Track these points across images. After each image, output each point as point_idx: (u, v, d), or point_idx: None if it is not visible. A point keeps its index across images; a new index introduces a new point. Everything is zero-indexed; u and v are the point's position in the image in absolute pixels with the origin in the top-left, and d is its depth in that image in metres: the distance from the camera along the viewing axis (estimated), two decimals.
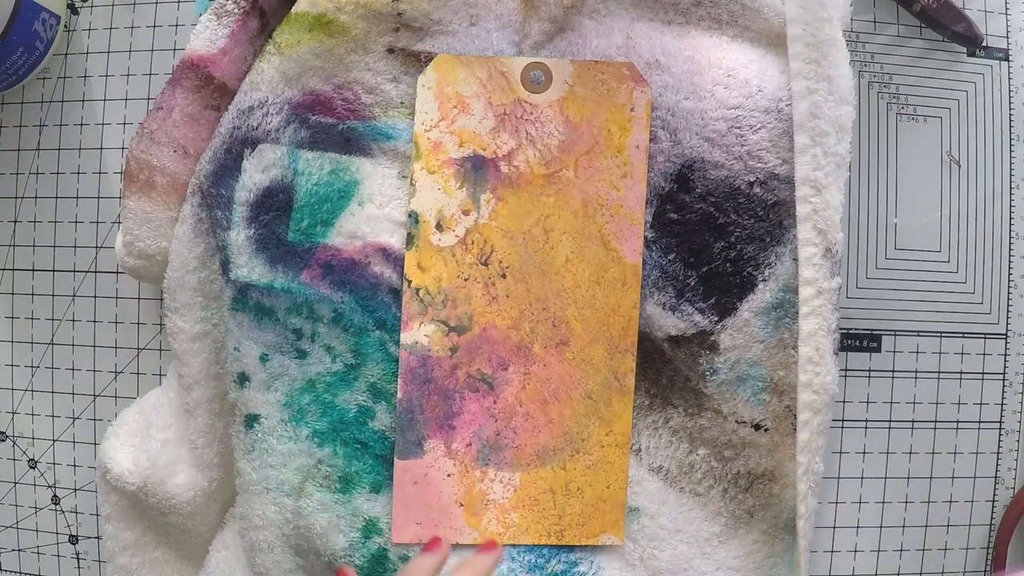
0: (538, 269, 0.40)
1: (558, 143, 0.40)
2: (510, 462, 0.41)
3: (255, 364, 0.41)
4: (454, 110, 0.40)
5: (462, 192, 0.40)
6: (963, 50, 0.45)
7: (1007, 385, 0.46)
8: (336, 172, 0.41)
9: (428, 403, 0.40)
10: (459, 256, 0.40)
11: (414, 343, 0.40)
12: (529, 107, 0.40)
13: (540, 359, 0.41)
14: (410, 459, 0.40)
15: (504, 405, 0.41)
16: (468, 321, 0.40)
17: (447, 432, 0.40)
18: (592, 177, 0.40)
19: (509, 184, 0.40)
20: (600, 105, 0.40)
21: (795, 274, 0.40)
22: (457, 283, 0.40)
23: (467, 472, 0.41)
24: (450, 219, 0.40)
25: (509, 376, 0.41)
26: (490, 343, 0.40)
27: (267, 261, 0.40)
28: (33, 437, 0.47)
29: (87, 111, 0.47)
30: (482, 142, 0.40)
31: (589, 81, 0.40)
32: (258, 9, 0.41)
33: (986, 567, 0.46)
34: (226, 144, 0.41)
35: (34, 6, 0.43)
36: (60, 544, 0.47)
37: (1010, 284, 0.46)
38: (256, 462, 0.41)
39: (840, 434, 0.45)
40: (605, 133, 0.40)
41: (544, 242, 0.41)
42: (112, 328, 0.47)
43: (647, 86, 0.40)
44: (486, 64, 0.40)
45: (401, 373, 0.40)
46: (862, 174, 0.45)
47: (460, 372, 0.40)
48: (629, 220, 0.40)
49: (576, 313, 0.41)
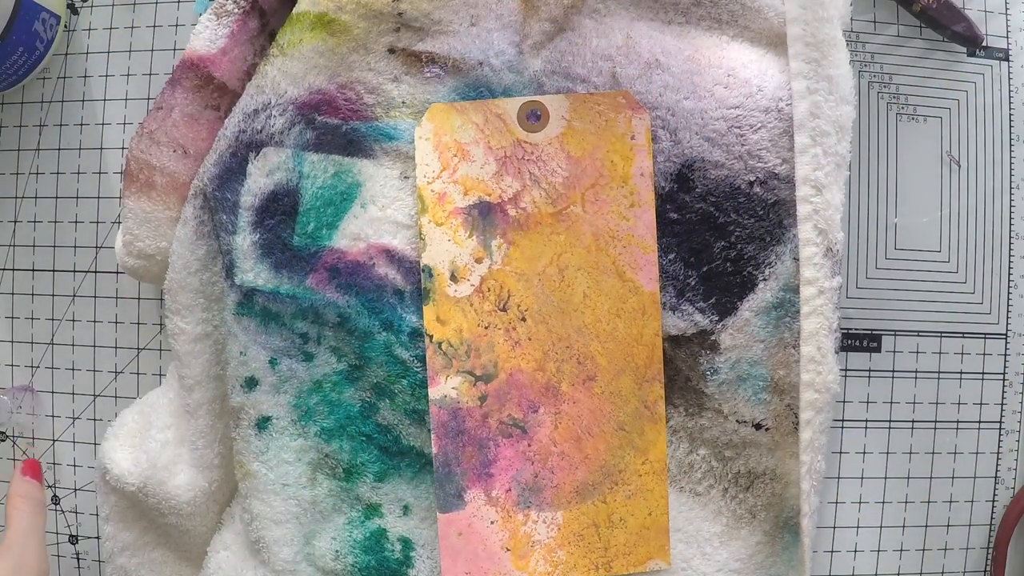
0: (557, 308, 0.40)
1: (562, 180, 0.40)
2: (551, 502, 0.41)
3: (264, 368, 0.41)
4: (455, 159, 0.40)
5: (472, 240, 0.40)
6: (963, 50, 0.45)
7: (1007, 385, 0.46)
8: (339, 175, 0.41)
9: (464, 455, 0.40)
10: (477, 305, 0.40)
11: (443, 397, 0.40)
12: (529, 147, 0.40)
13: (569, 397, 0.41)
14: (452, 512, 0.40)
15: (539, 447, 0.41)
16: (494, 368, 0.40)
17: (485, 480, 0.40)
18: (600, 210, 0.40)
19: (518, 227, 0.40)
20: (600, 137, 0.40)
21: (795, 273, 0.40)
22: (478, 332, 0.40)
23: (510, 517, 0.41)
24: (464, 269, 0.40)
25: (540, 418, 0.41)
26: (518, 387, 0.40)
27: (272, 266, 0.40)
28: (33, 437, 0.47)
29: (87, 111, 0.47)
30: (487, 188, 0.40)
31: (586, 114, 0.40)
32: (258, 9, 0.41)
33: (986, 567, 0.46)
34: (231, 148, 0.41)
35: (34, 6, 0.43)
36: (60, 544, 0.47)
37: (1010, 284, 0.46)
38: (272, 461, 0.41)
39: (840, 434, 0.45)
40: (608, 164, 0.40)
41: (560, 281, 0.40)
42: (112, 328, 0.47)
43: (645, 112, 0.40)
44: (481, 108, 0.40)
45: (434, 428, 0.40)
46: (862, 174, 0.45)
47: (492, 420, 0.40)
48: (642, 249, 0.40)
49: (600, 347, 0.40)
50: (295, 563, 0.41)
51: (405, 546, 0.41)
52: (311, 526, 0.42)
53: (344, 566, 0.41)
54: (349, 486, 0.41)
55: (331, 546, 0.41)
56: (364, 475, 0.41)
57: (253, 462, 0.41)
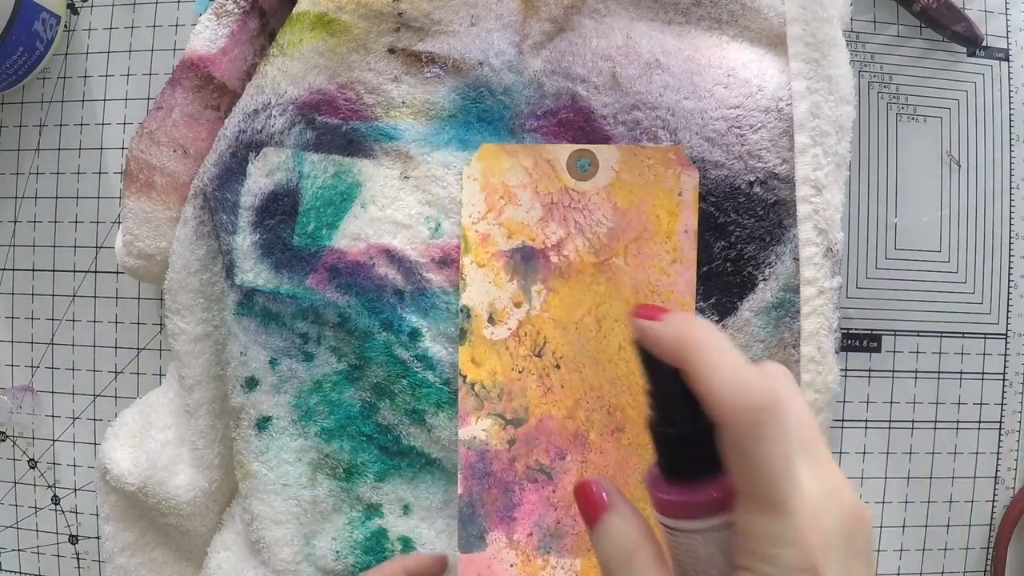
0: (591, 358, 0.40)
1: (607, 230, 0.40)
2: (571, 549, 0.41)
3: (264, 368, 0.41)
4: (501, 201, 0.40)
5: (513, 284, 0.40)
6: (963, 50, 0.45)
7: (1007, 385, 0.46)
8: (339, 175, 0.41)
9: (488, 497, 0.40)
10: (512, 349, 0.40)
11: (472, 438, 0.40)
12: (576, 195, 0.40)
13: (597, 447, 0.40)
14: (473, 552, 0.40)
15: (563, 494, 0.40)
16: (524, 413, 0.40)
17: (508, 524, 0.40)
18: (642, 264, 0.40)
19: (560, 274, 0.40)
20: (647, 191, 0.40)
21: (795, 273, 0.40)
22: (512, 376, 0.40)
23: (529, 561, 0.41)
24: (502, 312, 0.40)
25: (567, 465, 0.40)
26: (547, 434, 0.40)
27: (272, 266, 0.40)
28: (33, 437, 0.47)
29: (87, 111, 0.47)
30: (531, 232, 0.40)
31: (636, 167, 0.40)
32: (258, 9, 0.41)
33: (986, 567, 0.46)
34: (231, 148, 0.41)
35: (34, 6, 0.43)
36: (60, 544, 0.47)
37: (1010, 284, 0.46)
38: (272, 461, 0.41)
39: (840, 434, 0.45)
40: (654, 219, 0.40)
41: (596, 331, 0.40)
42: (112, 328, 0.47)
43: (695, 169, 0.39)
44: (531, 152, 0.40)
45: (461, 469, 0.40)
46: (862, 174, 0.45)
47: (519, 464, 0.40)
48: (680, 305, 0.40)
49: (631, 400, 0.40)
50: (295, 563, 0.41)
51: (405, 546, 0.41)
52: (311, 526, 0.42)
53: (345, 566, 0.41)
54: (349, 486, 0.41)
55: (332, 546, 0.41)
56: (364, 475, 0.41)
57: (253, 462, 0.41)
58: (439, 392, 0.41)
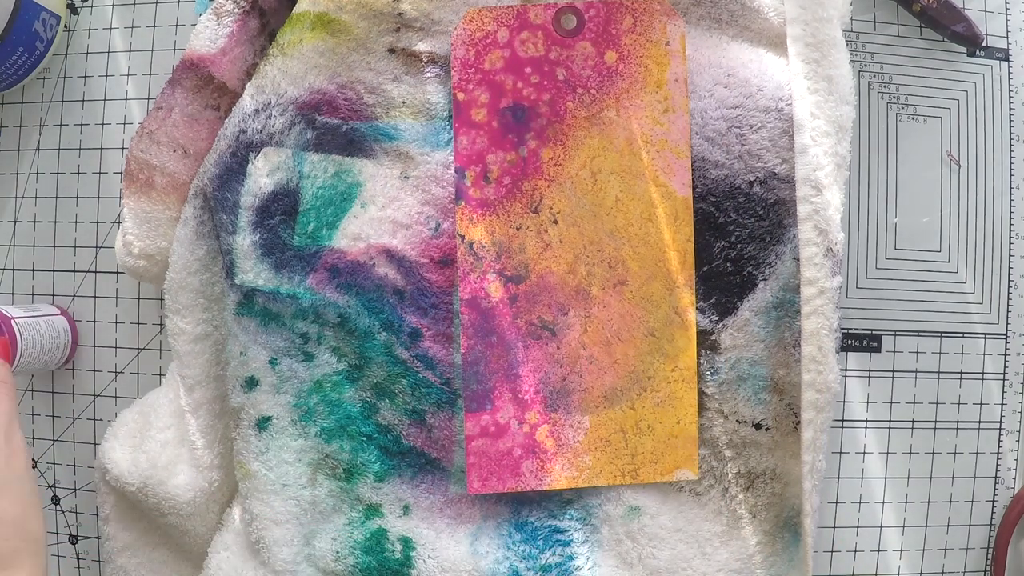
0: (589, 212, 0.40)
1: (597, 84, 0.40)
2: (579, 406, 0.41)
3: (264, 368, 0.41)
4: (489, 61, 0.40)
5: (505, 143, 0.40)
6: (963, 50, 0.45)
7: (1007, 385, 0.46)
8: (339, 174, 0.41)
9: (492, 355, 0.40)
10: (509, 206, 0.40)
11: (472, 297, 0.40)
12: (564, 51, 0.40)
13: (599, 301, 0.40)
14: (479, 412, 0.40)
15: (568, 350, 0.40)
16: (524, 270, 0.40)
17: (513, 382, 0.40)
18: (634, 115, 0.40)
19: (552, 130, 0.40)
20: (635, 42, 0.40)
21: (795, 273, 0.40)
22: (510, 233, 0.40)
23: (536, 419, 0.41)
24: (496, 170, 0.40)
25: (570, 321, 0.40)
26: (548, 290, 0.40)
27: (272, 266, 0.40)
28: (33, 437, 0.47)
29: (87, 111, 0.47)
30: (521, 91, 0.40)
31: (622, 20, 0.40)
32: (258, 9, 0.41)
33: (986, 567, 0.46)
34: (231, 148, 0.41)
35: (34, 6, 0.43)
36: (60, 544, 0.47)
37: (1010, 284, 0.46)
38: (272, 461, 0.41)
39: (840, 434, 0.45)
40: (643, 70, 0.40)
41: (592, 184, 0.40)
42: (112, 328, 0.47)
43: (680, 18, 0.40)
44: (516, 13, 0.40)
45: (463, 328, 0.40)
46: (862, 174, 0.45)
47: (521, 321, 0.40)
48: (675, 154, 0.40)
49: (631, 252, 0.40)
50: (295, 563, 0.41)
51: (405, 546, 0.41)
52: (311, 526, 0.42)
53: (345, 567, 0.41)
54: (349, 486, 0.41)
55: (331, 546, 0.41)
56: (364, 475, 0.41)
57: (253, 462, 0.41)
58: (439, 392, 0.41)
